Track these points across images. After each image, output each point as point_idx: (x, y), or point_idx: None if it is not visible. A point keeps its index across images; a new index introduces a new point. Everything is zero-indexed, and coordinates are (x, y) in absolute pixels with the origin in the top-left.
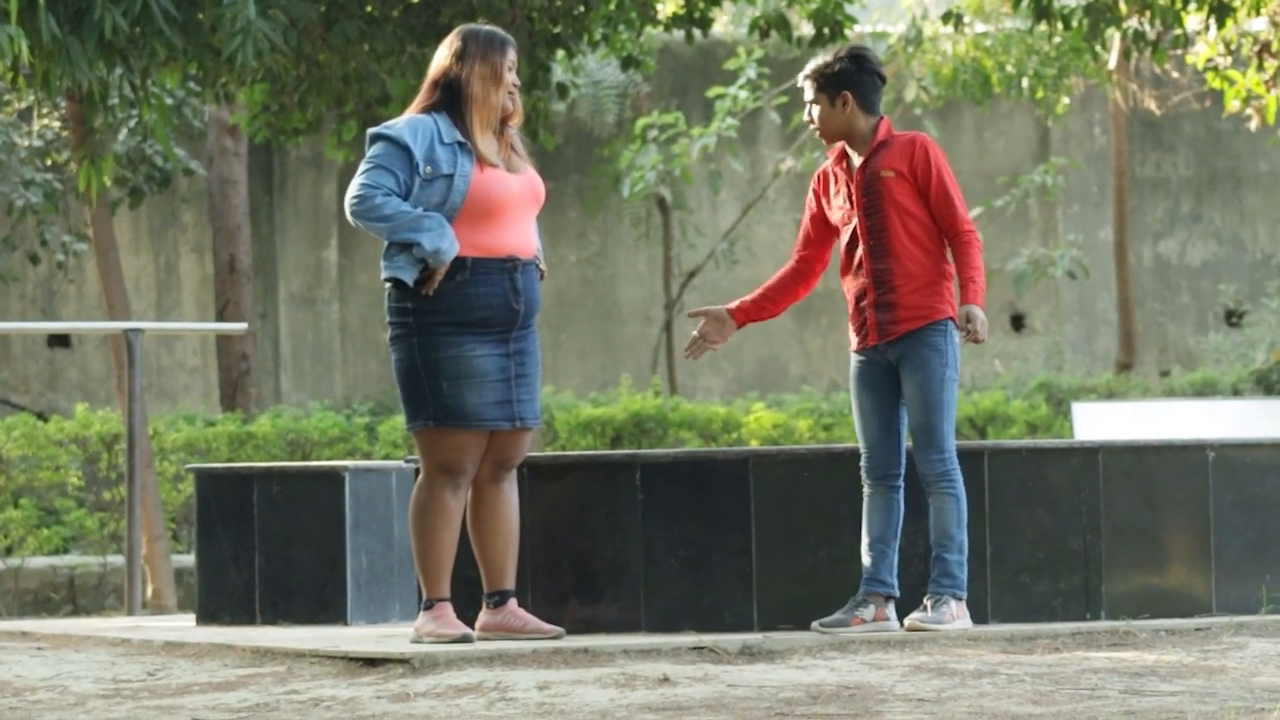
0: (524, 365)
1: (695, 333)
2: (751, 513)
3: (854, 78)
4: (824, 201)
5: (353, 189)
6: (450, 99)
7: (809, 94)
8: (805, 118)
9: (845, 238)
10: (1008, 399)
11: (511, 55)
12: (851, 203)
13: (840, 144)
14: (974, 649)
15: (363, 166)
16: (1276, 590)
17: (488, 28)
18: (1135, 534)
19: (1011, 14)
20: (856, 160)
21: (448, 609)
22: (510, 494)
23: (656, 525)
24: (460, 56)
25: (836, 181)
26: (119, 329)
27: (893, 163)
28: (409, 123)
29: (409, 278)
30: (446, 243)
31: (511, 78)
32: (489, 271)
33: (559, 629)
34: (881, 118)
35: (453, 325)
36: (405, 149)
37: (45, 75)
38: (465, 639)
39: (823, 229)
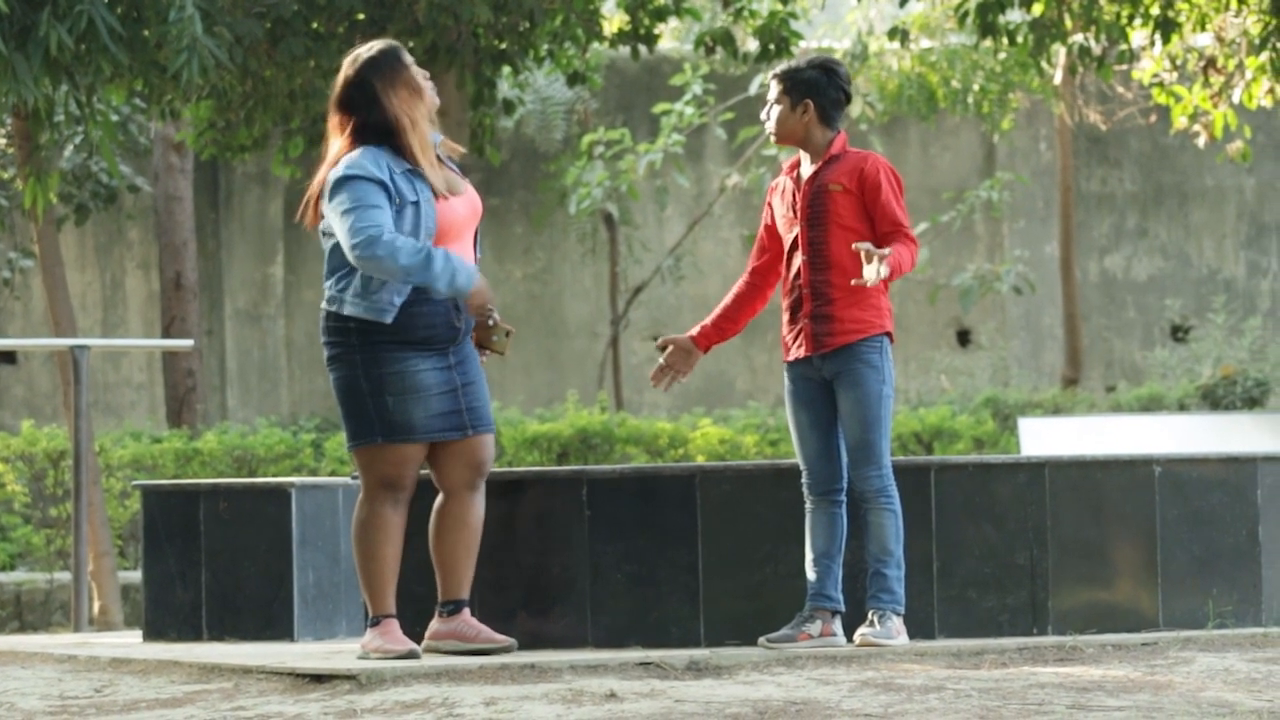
0: (467, 373)
1: (662, 361)
2: (698, 528)
3: (819, 88)
4: (774, 211)
5: (352, 235)
6: (380, 137)
7: (772, 93)
8: (763, 115)
9: (786, 246)
10: (954, 414)
11: (406, 56)
12: (795, 212)
13: (796, 154)
14: (921, 664)
15: (347, 208)
16: (1223, 605)
17: (375, 48)
18: (1082, 549)
19: (957, 30)
20: (808, 171)
21: (394, 625)
22: (479, 504)
23: (603, 541)
24: (372, 97)
25: (785, 192)
26: (65, 345)
27: (840, 177)
28: (366, 158)
29: (389, 318)
30: (464, 278)
31: (422, 80)
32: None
33: (511, 640)
34: (839, 133)
35: (395, 342)
36: (381, 184)
37: None
38: (412, 655)
39: (777, 239)
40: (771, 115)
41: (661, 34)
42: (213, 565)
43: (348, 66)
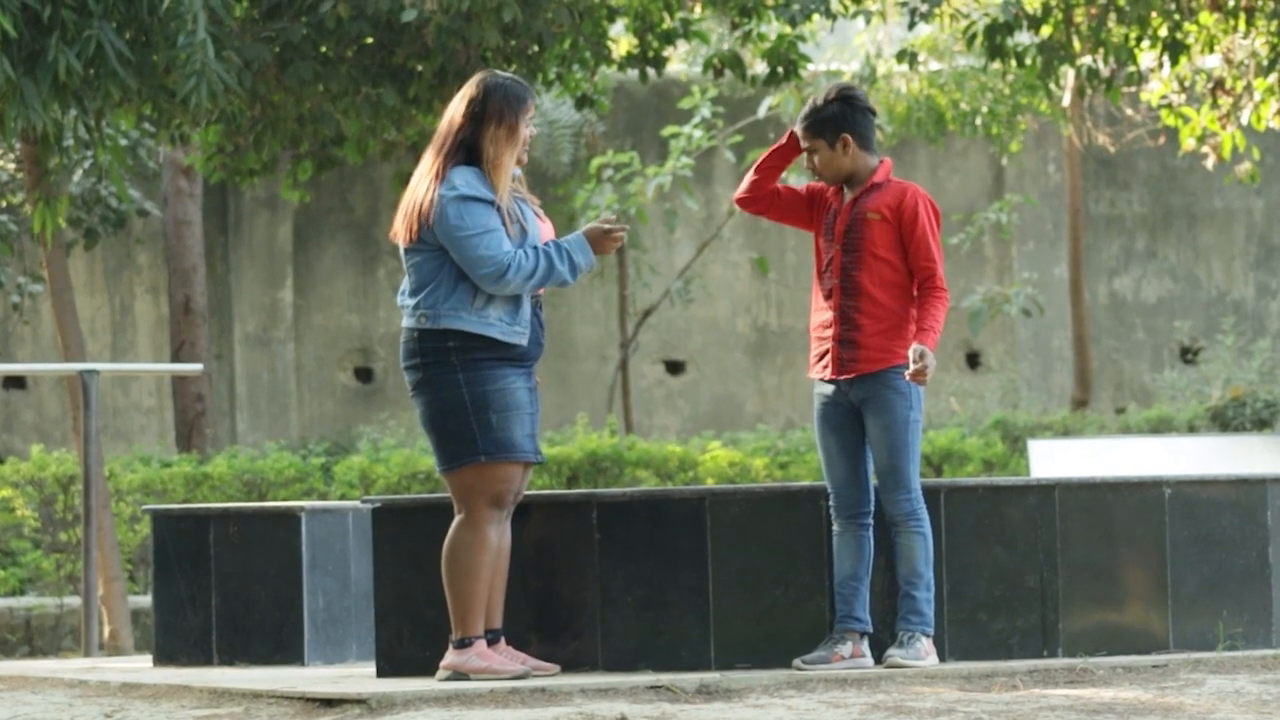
0: (537, 400)
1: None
2: (708, 551)
3: (849, 118)
4: (814, 205)
5: (480, 265)
6: (470, 157)
7: (805, 142)
8: (806, 165)
9: (822, 265)
10: (963, 436)
11: (531, 107)
12: (833, 235)
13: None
14: (931, 687)
15: (470, 233)
16: (1233, 627)
17: (507, 80)
18: (1092, 571)
19: (965, 52)
20: (849, 194)
21: (485, 645)
22: (509, 532)
23: (613, 564)
24: (478, 118)
25: (827, 204)
26: (74, 370)
27: (880, 206)
28: (475, 179)
29: (509, 336)
30: (583, 257)
31: (528, 133)
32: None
33: (556, 666)
34: (883, 160)
35: (495, 359)
36: (493, 204)
37: (0, 117)
38: (525, 676)
39: (794, 201)
40: (816, 163)
41: (670, 57)
42: (223, 590)
43: (473, 84)
